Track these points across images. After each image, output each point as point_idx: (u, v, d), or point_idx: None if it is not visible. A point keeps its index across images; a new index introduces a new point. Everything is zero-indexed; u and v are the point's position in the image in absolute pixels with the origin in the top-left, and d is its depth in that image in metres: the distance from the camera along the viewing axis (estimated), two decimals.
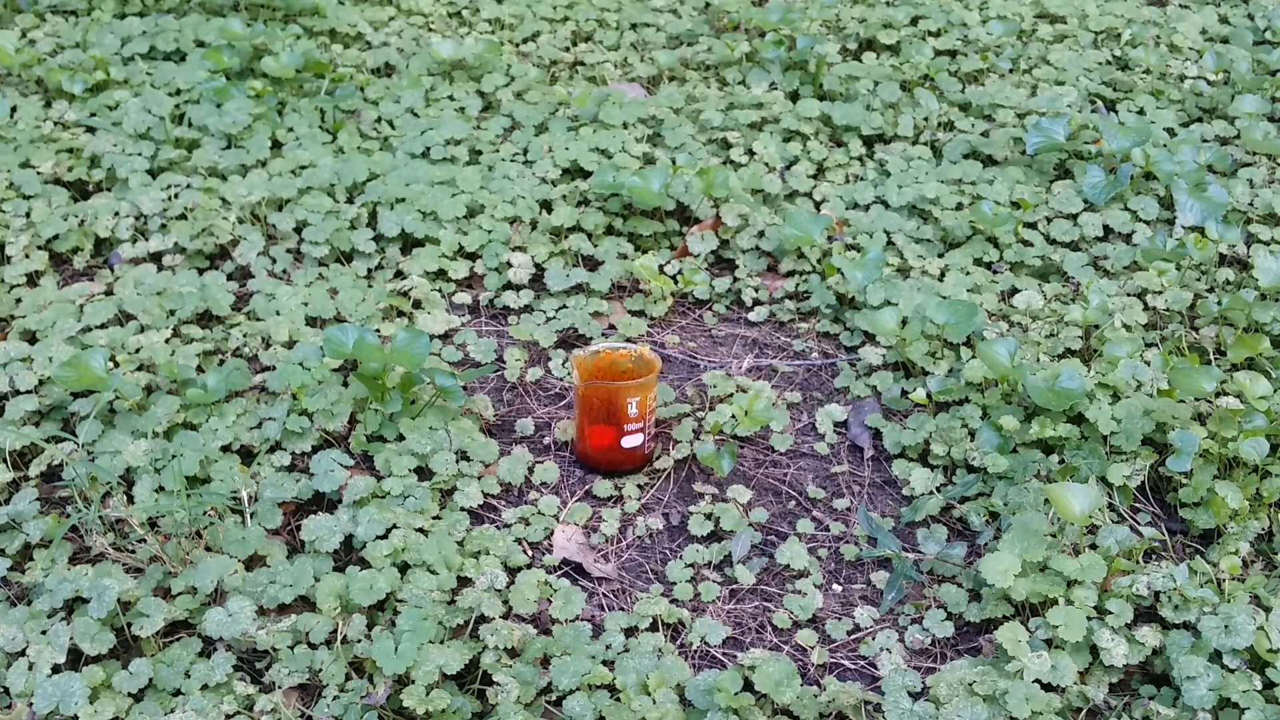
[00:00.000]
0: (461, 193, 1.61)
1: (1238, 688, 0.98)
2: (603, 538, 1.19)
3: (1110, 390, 1.28)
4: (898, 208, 1.64)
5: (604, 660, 1.04)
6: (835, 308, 1.48)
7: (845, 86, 1.90)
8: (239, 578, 1.09)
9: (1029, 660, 1.00)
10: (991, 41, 2.07)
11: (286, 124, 1.80)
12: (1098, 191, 1.61)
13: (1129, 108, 1.88)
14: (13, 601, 1.10)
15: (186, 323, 1.41)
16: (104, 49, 1.99)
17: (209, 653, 1.04)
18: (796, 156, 1.74)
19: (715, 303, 1.51)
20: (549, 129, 1.81)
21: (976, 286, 1.49)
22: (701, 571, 1.16)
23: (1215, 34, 2.14)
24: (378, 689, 0.98)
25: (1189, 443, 1.18)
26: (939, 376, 1.34)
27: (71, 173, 1.68)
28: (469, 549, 1.14)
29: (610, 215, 1.60)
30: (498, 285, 1.51)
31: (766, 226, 1.58)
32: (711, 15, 2.20)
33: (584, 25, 2.17)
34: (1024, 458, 1.22)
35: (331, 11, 2.14)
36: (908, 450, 1.28)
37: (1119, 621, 1.04)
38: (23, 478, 1.24)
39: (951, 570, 1.15)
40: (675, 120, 1.81)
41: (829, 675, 1.06)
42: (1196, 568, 1.09)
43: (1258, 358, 1.33)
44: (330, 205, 1.59)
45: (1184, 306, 1.44)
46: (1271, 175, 1.73)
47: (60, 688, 0.98)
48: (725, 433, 1.29)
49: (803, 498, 1.24)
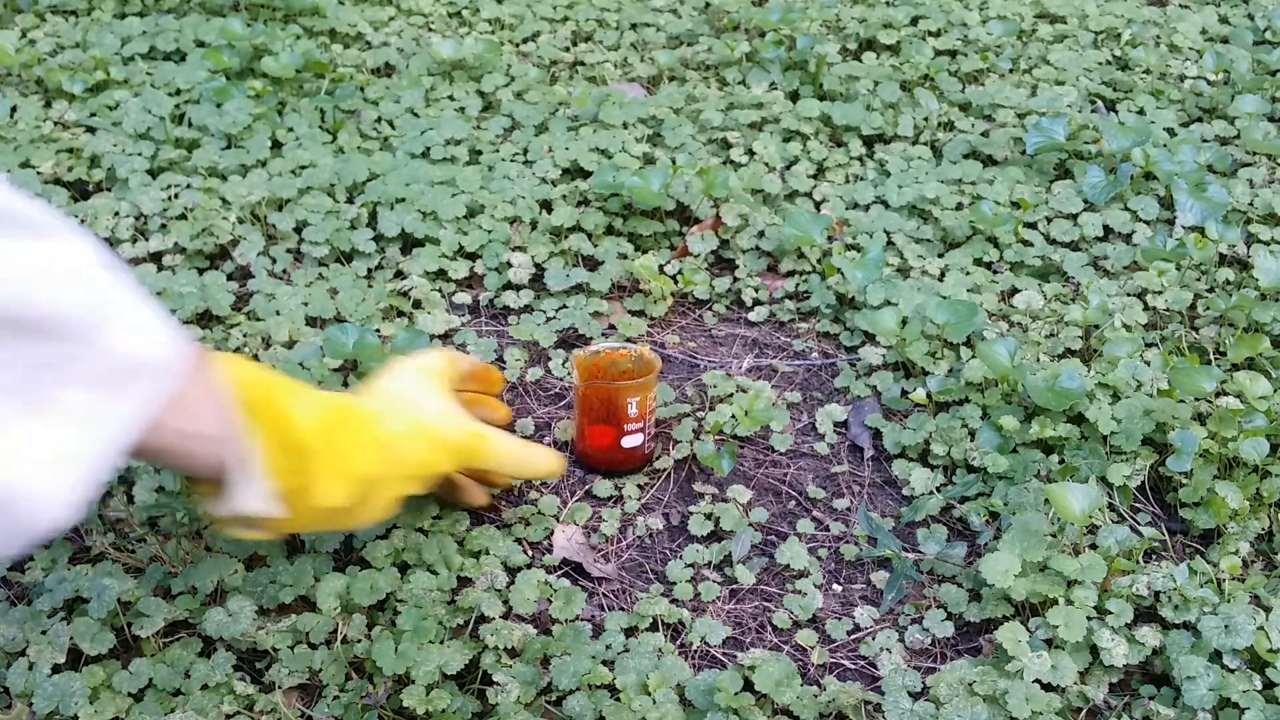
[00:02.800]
0: (461, 193, 1.61)
1: (1238, 688, 0.98)
2: (603, 538, 1.19)
3: (1110, 390, 1.28)
4: (898, 208, 1.64)
5: (604, 660, 1.04)
6: (835, 308, 1.48)
7: (845, 86, 1.90)
8: (239, 578, 1.09)
9: (1029, 660, 1.00)
10: (991, 41, 2.08)
11: (286, 124, 1.80)
12: (1098, 191, 1.61)
13: (1129, 108, 1.88)
14: (13, 601, 1.10)
15: (187, 322, 1.41)
16: (104, 49, 1.99)
17: (209, 653, 1.04)
18: (796, 156, 1.74)
19: (715, 303, 1.51)
20: (549, 129, 1.81)
21: (976, 286, 1.49)
22: (701, 571, 1.16)
23: (1215, 34, 2.14)
24: (378, 689, 0.98)
25: (1189, 443, 1.18)
26: (939, 376, 1.34)
27: (71, 173, 1.68)
28: (469, 549, 1.14)
29: (610, 215, 1.60)
30: (498, 285, 1.51)
31: (766, 226, 1.58)
32: (711, 15, 2.20)
33: (584, 25, 2.17)
34: (1024, 458, 1.22)
35: (331, 11, 2.14)
36: (908, 450, 1.28)
37: (1119, 621, 1.04)
38: None
39: (951, 570, 1.15)
40: (675, 120, 1.81)
41: (829, 675, 1.06)
42: (1196, 568, 1.09)
43: (1258, 358, 1.33)
44: (330, 205, 1.59)
45: (1184, 306, 1.44)
46: (1271, 175, 1.73)
47: (60, 688, 0.98)
48: (725, 433, 1.29)
49: (803, 498, 1.24)
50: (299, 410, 0.91)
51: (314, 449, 0.91)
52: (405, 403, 1.02)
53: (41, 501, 0.75)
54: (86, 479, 0.78)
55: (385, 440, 0.98)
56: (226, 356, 0.91)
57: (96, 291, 0.80)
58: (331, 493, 0.93)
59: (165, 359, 0.83)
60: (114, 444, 0.80)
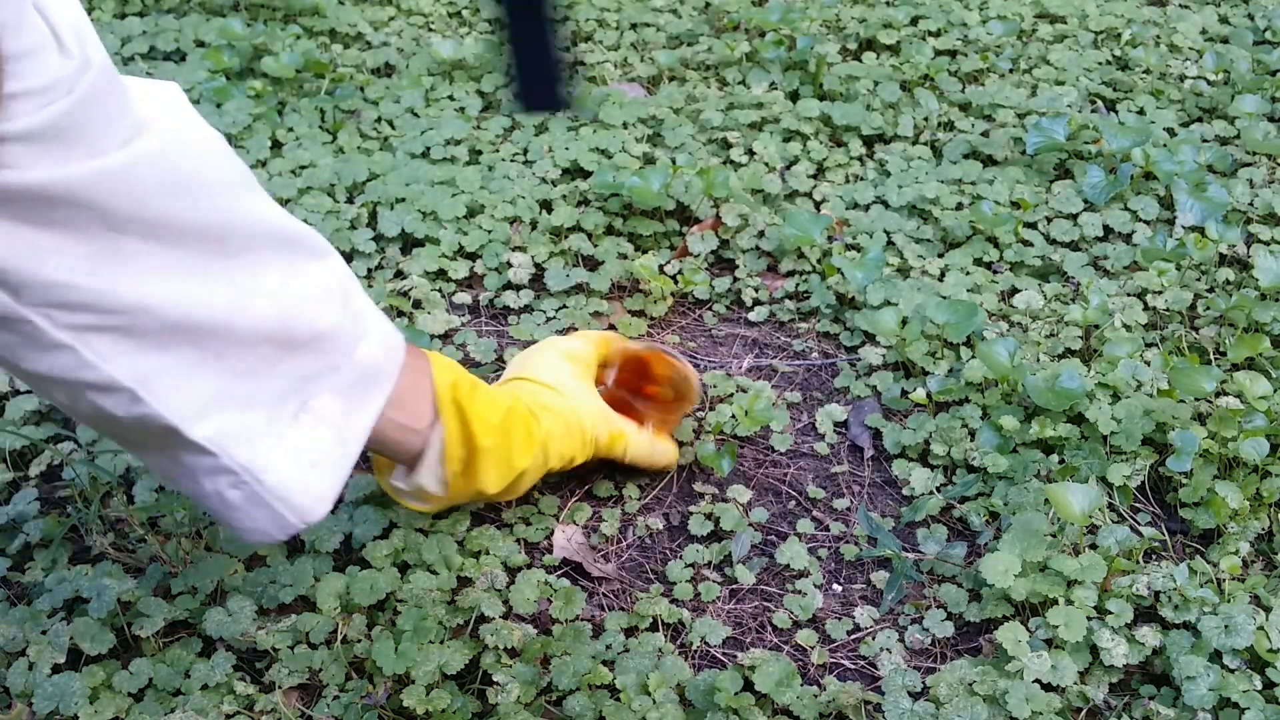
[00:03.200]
0: (461, 193, 1.61)
1: (1238, 688, 0.98)
2: (602, 538, 1.19)
3: (1110, 390, 1.28)
4: (898, 208, 1.64)
5: (604, 660, 1.04)
6: (835, 308, 1.48)
7: (845, 86, 1.90)
8: (239, 578, 1.09)
9: (1029, 660, 1.00)
10: (991, 41, 2.07)
11: (286, 124, 1.80)
12: (1098, 191, 1.61)
13: (1129, 108, 1.88)
14: (13, 601, 1.10)
15: None
16: (104, 49, 1.98)
17: (209, 653, 1.04)
18: (796, 156, 1.74)
19: (715, 303, 1.51)
20: (549, 129, 1.81)
21: (976, 286, 1.49)
22: (701, 571, 1.16)
23: (1215, 34, 2.14)
24: (378, 689, 0.99)
25: (1189, 443, 1.18)
26: (939, 376, 1.34)
27: None
28: (469, 549, 1.14)
29: (610, 215, 1.60)
30: (498, 285, 1.51)
31: (766, 226, 1.58)
32: (711, 15, 2.19)
33: (584, 25, 2.17)
34: (1024, 458, 1.22)
35: (331, 11, 2.14)
36: (908, 450, 1.28)
37: (1119, 621, 1.04)
38: (23, 478, 1.24)
39: (951, 570, 1.15)
40: (675, 120, 1.81)
41: (829, 675, 1.06)
42: (1196, 568, 1.09)
43: (1258, 358, 1.33)
44: (330, 205, 1.59)
45: (1184, 306, 1.44)
46: (1271, 175, 1.73)
47: (60, 687, 0.98)
48: (725, 433, 1.29)
49: (803, 498, 1.24)
50: (480, 412, 1.01)
51: (486, 448, 1.01)
52: (559, 397, 1.11)
53: (310, 499, 0.86)
54: (340, 477, 0.88)
55: (541, 439, 1.07)
56: (426, 351, 1.00)
57: (352, 306, 0.90)
58: (492, 482, 1.04)
59: (397, 363, 0.94)
60: (360, 443, 0.90)
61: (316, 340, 0.85)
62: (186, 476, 0.83)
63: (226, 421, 0.81)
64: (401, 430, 0.97)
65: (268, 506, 0.84)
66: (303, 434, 0.85)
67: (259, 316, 0.81)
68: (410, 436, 0.98)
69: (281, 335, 0.82)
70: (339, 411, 0.88)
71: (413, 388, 0.97)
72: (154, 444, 0.82)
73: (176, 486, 0.86)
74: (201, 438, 0.80)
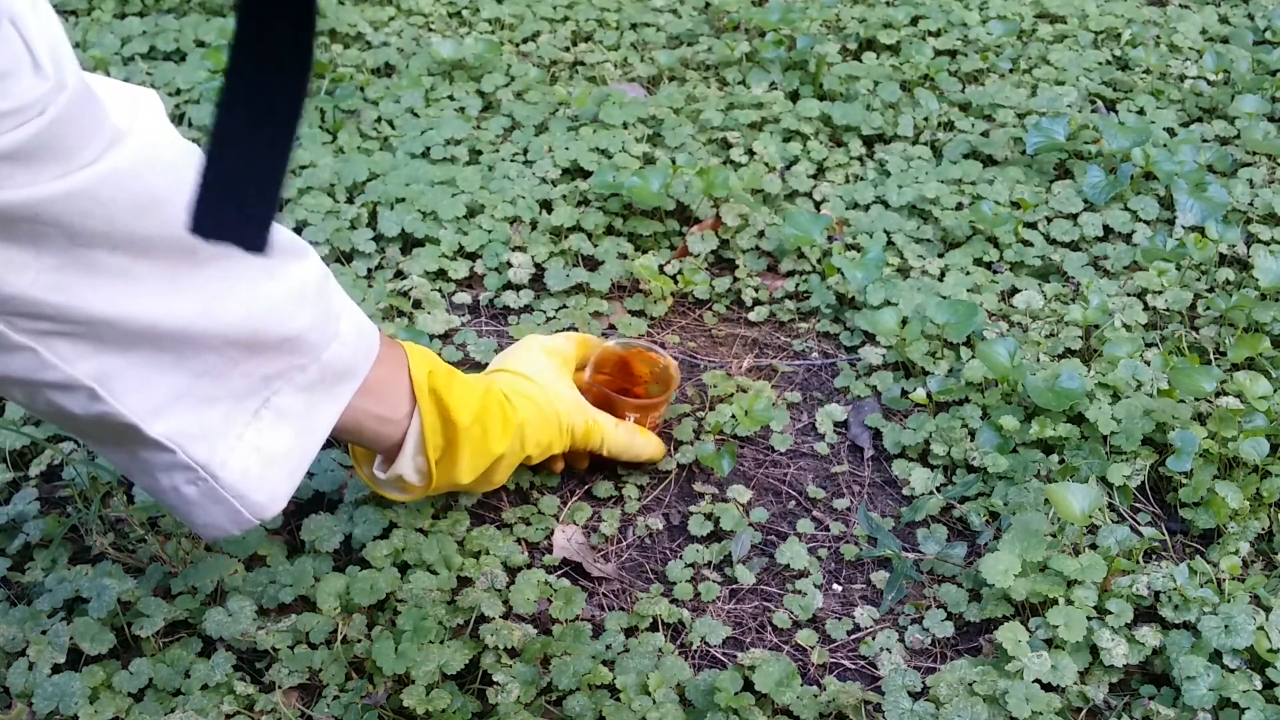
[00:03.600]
0: (461, 193, 1.61)
1: (1238, 688, 0.98)
2: (602, 538, 1.19)
3: (1110, 390, 1.28)
4: (898, 208, 1.64)
5: (604, 660, 1.04)
6: (835, 308, 1.48)
7: (845, 86, 1.90)
8: (239, 578, 1.09)
9: (1029, 660, 1.00)
10: (991, 41, 2.07)
11: None
12: (1098, 191, 1.61)
13: (1129, 108, 1.88)
14: (13, 601, 1.10)
15: None
16: (104, 49, 1.99)
17: (209, 653, 1.04)
18: (796, 156, 1.74)
19: (715, 303, 1.51)
20: (549, 129, 1.81)
21: (976, 286, 1.49)
22: (701, 571, 1.16)
23: (1215, 34, 2.14)
24: (378, 689, 0.99)
25: (1189, 443, 1.18)
26: (939, 376, 1.34)
27: None
28: (469, 549, 1.14)
29: (610, 215, 1.60)
30: (498, 285, 1.51)
31: (766, 226, 1.58)
32: (711, 15, 2.19)
33: (584, 25, 2.17)
34: (1024, 458, 1.22)
35: (331, 11, 2.14)
36: (908, 450, 1.28)
37: (1119, 621, 1.04)
38: (23, 478, 1.24)
39: (951, 570, 1.15)
40: (675, 120, 1.81)
41: (829, 675, 1.06)
42: (1196, 568, 1.09)
43: (1258, 358, 1.33)
44: (330, 205, 1.59)
45: (1184, 306, 1.44)
46: (1271, 175, 1.73)
47: (60, 687, 0.98)
48: (725, 433, 1.29)
49: (803, 498, 1.24)
50: (458, 401, 1.01)
51: (465, 431, 1.01)
52: (536, 387, 1.12)
53: (265, 496, 0.86)
54: (298, 473, 0.89)
55: (517, 424, 1.07)
56: (401, 342, 1.01)
57: (325, 306, 0.89)
58: (470, 469, 1.04)
59: (370, 358, 0.93)
60: (320, 440, 0.90)
61: (286, 342, 0.85)
62: (144, 472, 0.84)
63: (185, 419, 0.81)
64: (379, 421, 0.98)
65: (224, 502, 0.85)
66: (263, 431, 0.86)
67: (227, 322, 0.81)
68: (388, 427, 0.99)
69: (249, 339, 0.82)
70: (301, 408, 0.88)
71: (389, 379, 0.97)
72: (112, 440, 0.82)
73: (134, 480, 0.87)
74: (159, 435, 0.80)
